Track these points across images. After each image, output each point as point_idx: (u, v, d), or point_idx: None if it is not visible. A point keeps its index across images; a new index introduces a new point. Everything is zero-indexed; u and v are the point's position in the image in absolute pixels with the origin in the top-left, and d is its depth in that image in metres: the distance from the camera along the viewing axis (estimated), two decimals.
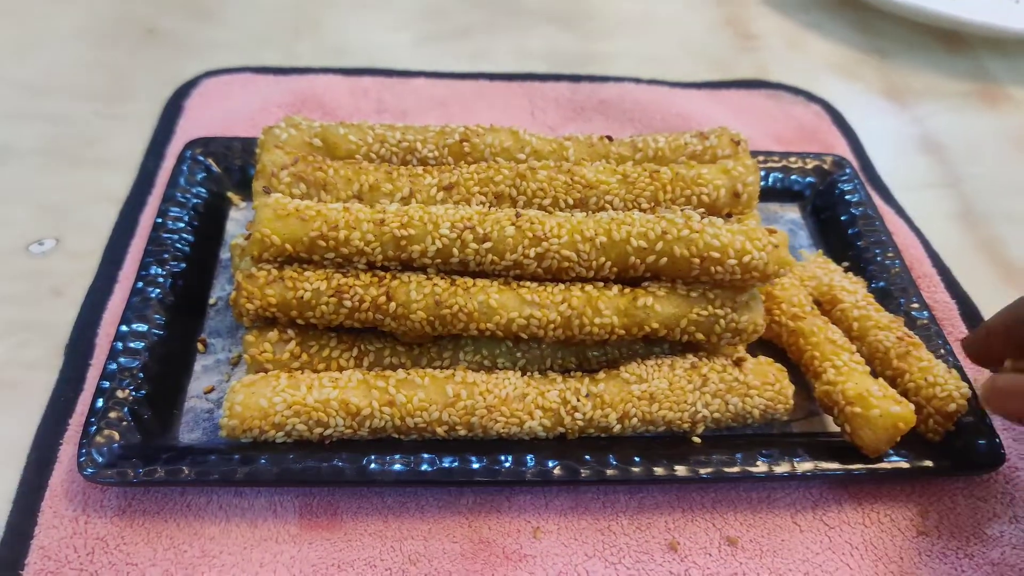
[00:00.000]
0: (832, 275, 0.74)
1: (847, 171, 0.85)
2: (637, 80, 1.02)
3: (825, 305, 0.72)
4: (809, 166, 0.86)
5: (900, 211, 0.88)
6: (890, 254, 0.77)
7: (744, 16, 1.19)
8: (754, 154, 0.84)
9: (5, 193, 0.82)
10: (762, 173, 0.84)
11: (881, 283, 0.75)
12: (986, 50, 1.14)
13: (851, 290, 0.71)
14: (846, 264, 0.78)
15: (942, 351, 0.68)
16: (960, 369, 0.67)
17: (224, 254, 0.75)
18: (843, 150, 0.95)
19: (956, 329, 0.75)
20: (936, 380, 0.64)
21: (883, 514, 0.62)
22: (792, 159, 0.87)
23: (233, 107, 0.92)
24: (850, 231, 0.80)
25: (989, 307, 0.77)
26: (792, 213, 0.85)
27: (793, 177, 0.85)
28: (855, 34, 1.17)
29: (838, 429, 0.65)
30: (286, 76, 0.98)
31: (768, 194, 0.84)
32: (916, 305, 0.72)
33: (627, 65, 1.06)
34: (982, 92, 1.08)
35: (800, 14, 1.20)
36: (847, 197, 0.83)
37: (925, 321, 0.71)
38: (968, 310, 0.78)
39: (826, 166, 0.86)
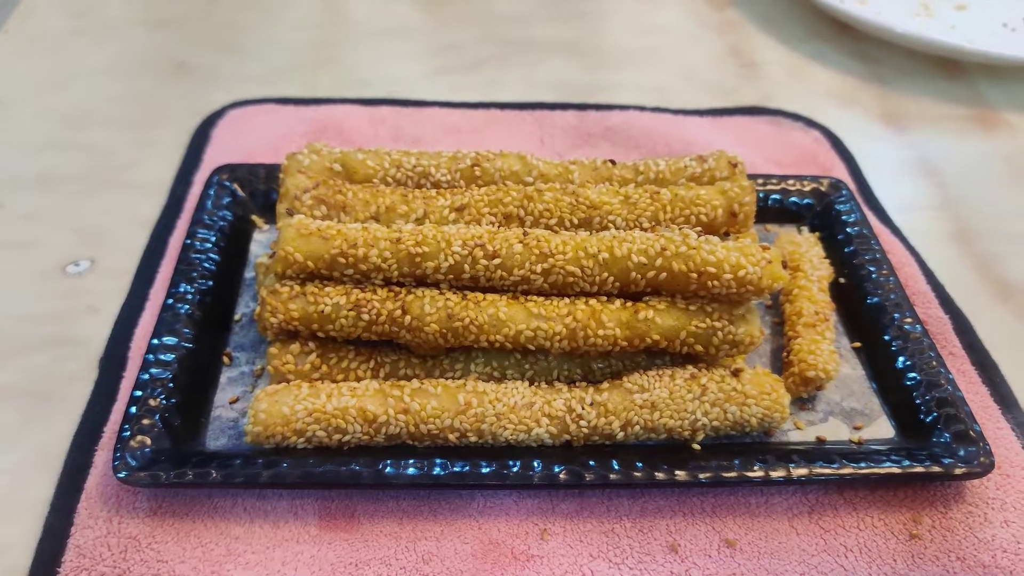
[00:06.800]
0: (810, 251, 0.81)
1: (843, 192, 0.88)
2: (642, 108, 1.05)
3: (789, 267, 0.80)
4: (807, 188, 0.89)
5: (896, 231, 0.91)
6: (884, 271, 0.79)
7: (746, 47, 1.23)
8: (754, 177, 0.87)
9: (44, 217, 0.87)
10: (762, 195, 0.87)
11: (876, 299, 0.77)
12: (982, 77, 1.17)
13: (816, 266, 0.80)
14: (842, 280, 0.80)
15: (933, 363, 0.71)
16: (952, 382, 0.70)
17: (248, 274, 0.80)
18: (841, 173, 0.98)
19: (950, 343, 0.78)
20: (816, 351, 0.71)
21: (877, 518, 0.64)
22: (791, 181, 0.90)
23: (257, 135, 0.97)
24: (846, 249, 0.83)
25: (982, 323, 0.80)
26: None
27: (792, 199, 0.89)
28: (855, 62, 1.20)
29: (835, 437, 0.69)
30: (307, 106, 1.02)
31: (768, 214, 0.87)
32: (909, 320, 0.75)
33: (633, 95, 1.10)
34: (978, 117, 1.11)
35: (801, 44, 1.24)
36: (843, 217, 0.86)
37: (918, 335, 0.73)
38: (962, 325, 0.80)
39: (823, 188, 0.89)
